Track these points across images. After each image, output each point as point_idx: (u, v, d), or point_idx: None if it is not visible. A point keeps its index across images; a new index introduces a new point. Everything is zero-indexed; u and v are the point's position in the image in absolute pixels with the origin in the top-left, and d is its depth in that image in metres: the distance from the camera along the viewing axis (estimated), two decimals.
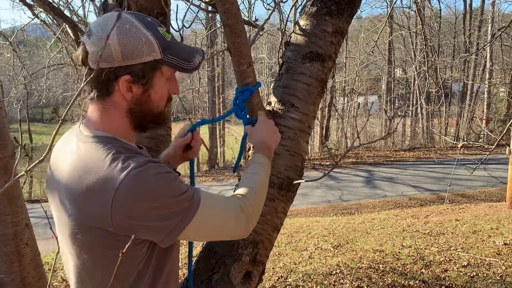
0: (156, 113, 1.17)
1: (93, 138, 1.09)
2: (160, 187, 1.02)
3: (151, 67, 1.08)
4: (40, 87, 8.42)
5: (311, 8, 1.68)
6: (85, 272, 1.11)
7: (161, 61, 1.09)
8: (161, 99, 1.16)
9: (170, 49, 1.10)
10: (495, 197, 11.28)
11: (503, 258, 4.92)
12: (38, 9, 4.31)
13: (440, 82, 8.51)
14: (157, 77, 1.11)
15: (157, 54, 1.07)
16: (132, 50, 1.05)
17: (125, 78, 1.06)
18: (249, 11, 20.18)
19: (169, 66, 1.11)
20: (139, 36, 1.05)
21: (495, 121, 21.36)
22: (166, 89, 1.16)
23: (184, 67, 1.12)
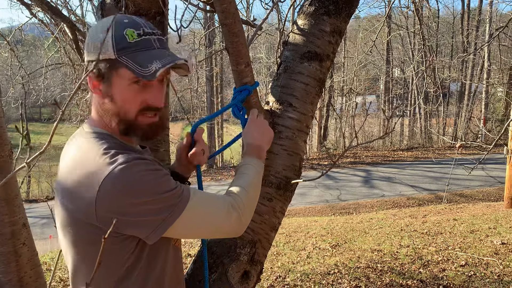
0: (126, 118, 1.11)
1: (91, 134, 1.11)
2: (145, 183, 1.02)
3: (109, 65, 1.07)
4: (38, 87, 8.40)
5: (309, 7, 1.68)
6: (76, 264, 1.13)
7: (116, 61, 1.06)
8: (126, 103, 1.10)
9: (127, 51, 1.06)
10: (493, 197, 11.31)
11: (500, 258, 4.94)
12: (36, 9, 4.31)
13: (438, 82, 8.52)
14: (114, 77, 1.08)
15: (110, 54, 1.06)
16: (93, 45, 1.09)
17: (91, 74, 1.10)
18: (247, 11, 20.17)
19: (126, 69, 1.06)
20: (97, 35, 1.09)
21: (493, 121, 21.40)
22: (133, 94, 1.10)
23: (138, 72, 1.04)
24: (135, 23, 1.10)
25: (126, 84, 1.09)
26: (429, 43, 17.68)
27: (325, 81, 1.74)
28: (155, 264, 1.16)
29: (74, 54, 5.86)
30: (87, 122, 1.18)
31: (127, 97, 1.10)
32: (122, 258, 1.09)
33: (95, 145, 1.07)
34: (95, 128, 1.14)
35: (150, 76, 1.04)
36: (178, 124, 34.81)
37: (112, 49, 1.05)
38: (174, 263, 1.25)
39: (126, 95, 1.10)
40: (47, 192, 16.71)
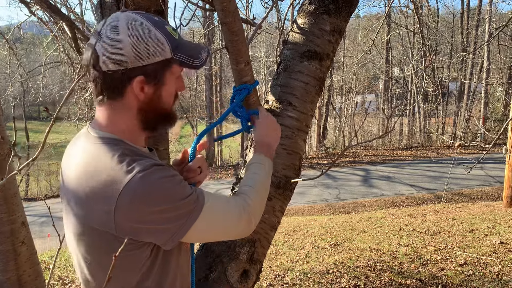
0: (166, 112, 1.16)
1: (100, 139, 1.09)
2: (164, 191, 1.02)
3: (162, 67, 1.08)
4: (36, 85, 8.40)
5: (309, 6, 1.68)
6: (89, 273, 1.11)
7: (171, 60, 1.08)
8: (170, 96, 1.15)
9: (179, 48, 1.10)
10: (491, 196, 11.32)
11: (499, 257, 4.94)
12: (35, 7, 4.30)
13: (437, 81, 8.53)
14: (168, 75, 1.10)
15: (167, 53, 1.07)
16: (145, 50, 1.04)
17: (139, 79, 1.05)
18: (247, 10, 20.14)
19: (178, 64, 1.11)
20: (149, 36, 1.05)
21: (492, 120, 21.41)
22: (175, 87, 1.16)
23: (193, 65, 1.11)
24: (161, 19, 1.11)
25: (174, 79, 1.13)
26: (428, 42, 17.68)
27: (325, 80, 1.74)
28: (169, 269, 1.15)
29: (73, 53, 5.85)
30: (92, 125, 1.14)
31: (173, 91, 1.15)
32: (138, 264, 1.08)
33: (108, 152, 1.05)
34: (104, 133, 1.10)
35: (202, 65, 1.11)
36: (178, 123, 34.69)
37: (169, 50, 1.07)
38: (186, 265, 1.25)
39: (172, 90, 1.14)
40: (45, 191, 16.69)
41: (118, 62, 1.03)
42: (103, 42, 1.04)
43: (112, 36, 1.03)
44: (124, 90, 1.07)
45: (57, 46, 6.35)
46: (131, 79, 1.05)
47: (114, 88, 1.07)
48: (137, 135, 1.15)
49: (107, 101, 1.09)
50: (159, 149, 1.76)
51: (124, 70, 1.04)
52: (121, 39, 1.03)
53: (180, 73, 1.16)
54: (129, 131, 1.13)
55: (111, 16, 1.08)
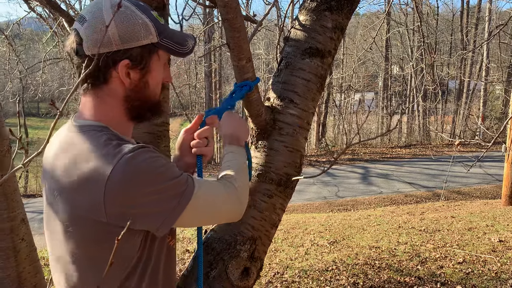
0: (153, 101, 1.13)
1: (84, 127, 1.05)
2: (153, 170, 0.99)
3: (148, 51, 1.05)
4: (36, 82, 8.38)
5: (310, 3, 1.67)
6: (76, 271, 1.05)
7: (157, 44, 1.06)
8: (157, 85, 1.12)
9: (165, 33, 1.07)
10: (490, 194, 11.34)
11: (498, 255, 4.95)
12: (34, 3, 4.28)
13: (437, 79, 8.52)
14: (154, 61, 1.07)
15: (153, 37, 1.04)
16: (130, 32, 1.01)
17: (124, 63, 1.02)
18: (247, 6, 20.12)
19: (164, 50, 1.08)
20: (135, 18, 1.02)
21: (491, 119, 21.44)
22: (161, 75, 1.12)
23: (179, 51, 1.09)
24: (147, 6, 1.09)
25: (161, 66, 1.10)
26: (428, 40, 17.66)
27: (326, 78, 1.73)
28: (150, 262, 1.11)
29: None
30: (76, 116, 1.11)
31: (159, 79, 1.12)
32: (129, 255, 1.05)
33: (92, 139, 1.01)
34: (87, 121, 1.07)
35: (188, 53, 1.09)
36: (177, 120, 34.76)
37: (155, 33, 1.04)
38: (168, 262, 1.20)
39: (159, 77, 1.11)
40: None
41: (103, 45, 1.00)
42: (87, 24, 1.01)
43: (96, 19, 1.00)
44: (108, 75, 1.03)
45: (57, 42, 6.33)
46: (116, 63, 1.02)
47: (98, 74, 1.03)
48: (124, 125, 1.12)
49: (91, 89, 1.06)
50: (160, 146, 1.75)
51: (108, 54, 1.00)
52: (105, 21, 0.99)
53: (167, 61, 1.13)
54: (115, 120, 1.09)
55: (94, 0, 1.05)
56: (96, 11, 1.01)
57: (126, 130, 1.13)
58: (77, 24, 1.03)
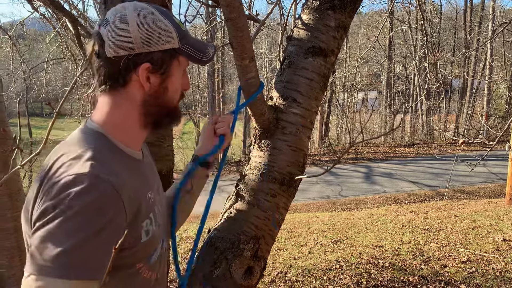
0: (171, 107, 1.11)
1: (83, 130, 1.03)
2: (70, 216, 0.84)
3: (169, 56, 1.04)
4: (39, 82, 8.40)
5: (313, 2, 1.67)
6: None
7: (178, 50, 1.04)
8: (176, 91, 1.11)
9: (186, 39, 1.06)
10: (494, 193, 11.30)
11: (502, 254, 4.93)
12: (38, 3, 4.29)
13: (440, 78, 8.50)
14: (174, 66, 1.06)
15: (175, 42, 1.03)
16: (152, 36, 1.00)
17: (145, 66, 1.00)
18: (250, 6, 20.12)
19: (185, 57, 1.07)
20: (158, 22, 1.01)
21: (495, 117, 21.37)
22: (181, 82, 1.11)
23: (199, 58, 1.08)
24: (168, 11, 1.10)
25: (181, 72, 1.09)
26: (431, 39, 17.62)
27: (329, 77, 1.73)
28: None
29: (76, 49, 5.85)
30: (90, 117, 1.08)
31: (178, 85, 1.10)
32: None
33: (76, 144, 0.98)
34: (92, 123, 1.04)
35: (208, 61, 1.09)
36: None
37: (177, 38, 1.03)
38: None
39: (178, 83, 1.10)
40: None
41: (124, 47, 0.98)
42: (110, 27, 1.00)
43: (119, 21, 1.00)
44: (128, 78, 1.01)
45: (60, 42, 6.35)
46: (136, 66, 1.00)
47: (118, 76, 1.01)
48: (134, 133, 1.07)
49: (109, 90, 1.03)
50: (163, 145, 1.76)
51: (130, 56, 0.99)
52: (128, 23, 0.99)
53: (186, 68, 1.12)
54: (124, 126, 1.05)
55: (118, 5, 1.05)
56: (120, 14, 1.01)
57: (135, 138, 1.09)
58: (100, 28, 1.02)
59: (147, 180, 1.10)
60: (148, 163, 1.18)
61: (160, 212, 1.14)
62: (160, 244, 1.14)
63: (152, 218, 1.06)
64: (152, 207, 1.07)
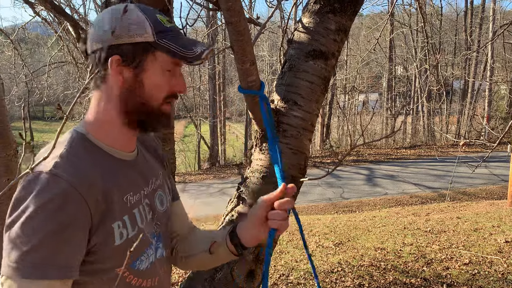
0: (152, 106, 1.05)
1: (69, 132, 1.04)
2: (29, 213, 0.86)
3: (142, 49, 1.00)
4: (41, 85, 8.42)
5: (314, 5, 1.68)
6: None
7: (154, 44, 1.00)
8: (157, 89, 1.04)
9: (166, 34, 1.02)
10: (496, 195, 11.28)
11: (504, 256, 4.92)
12: (39, 7, 4.31)
13: (441, 80, 8.52)
14: (149, 61, 1.02)
15: (149, 36, 0.99)
16: (122, 28, 0.99)
17: (115, 58, 0.99)
18: (250, 9, 20.15)
19: (164, 52, 1.01)
20: (130, 15, 1.01)
21: (496, 119, 21.35)
22: (165, 80, 1.05)
23: (182, 54, 1.00)
24: (156, 10, 1.06)
25: (160, 68, 1.03)
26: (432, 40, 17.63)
27: (330, 79, 1.73)
28: None
29: (77, 53, 5.87)
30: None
31: (158, 83, 1.04)
32: None
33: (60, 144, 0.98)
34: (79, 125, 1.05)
35: (195, 58, 1.00)
36: (181, 122, 34.87)
37: (151, 32, 1.00)
38: None
39: (158, 80, 1.04)
40: None
41: (98, 41, 1.00)
42: (92, 25, 1.04)
43: (97, 18, 1.04)
44: (105, 73, 1.02)
45: (61, 46, 6.38)
46: (107, 59, 0.99)
47: (97, 73, 1.02)
48: (115, 131, 1.06)
49: (94, 88, 1.05)
50: (165, 148, 1.76)
51: (102, 49, 1.00)
52: (103, 18, 1.01)
53: (176, 69, 1.06)
54: (103, 125, 1.05)
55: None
56: (102, 13, 1.05)
57: (119, 137, 1.07)
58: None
59: (130, 182, 1.07)
60: (142, 164, 1.15)
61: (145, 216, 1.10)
62: (153, 252, 1.11)
63: (126, 221, 1.02)
64: (129, 210, 1.04)
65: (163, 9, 1.57)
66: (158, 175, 1.21)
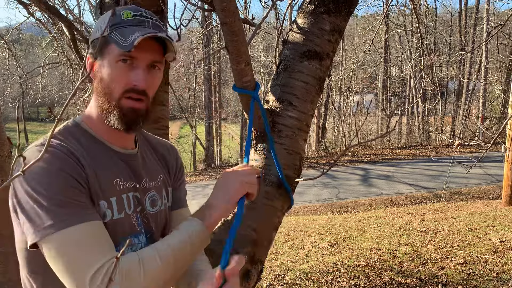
0: (111, 99, 1.04)
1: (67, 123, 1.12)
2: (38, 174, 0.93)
3: (101, 43, 1.03)
4: (35, 86, 8.40)
5: (308, 6, 1.68)
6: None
7: (107, 37, 1.02)
8: (112, 81, 1.03)
9: (118, 26, 1.03)
10: (490, 195, 11.33)
11: (499, 256, 4.95)
12: (34, 8, 4.29)
13: (436, 80, 8.54)
14: (106, 54, 1.03)
15: (106, 30, 1.03)
16: (95, 27, 1.10)
17: (88, 55, 1.08)
18: (245, 10, 20.17)
19: (114, 44, 1.01)
20: (103, 16, 1.11)
21: (490, 119, 21.46)
22: (119, 73, 1.03)
23: (121, 43, 0.99)
24: (137, 8, 1.08)
25: (113, 61, 1.03)
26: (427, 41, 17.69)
27: (325, 80, 1.74)
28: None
29: (72, 53, 5.85)
30: None
31: (113, 76, 1.03)
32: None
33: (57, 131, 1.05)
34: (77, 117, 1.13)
35: (129, 46, 0.97)
36: (176, 123, 34.82)
37: (107, 26, 1.02)
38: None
39: (112, 73, 1.03)
40: None
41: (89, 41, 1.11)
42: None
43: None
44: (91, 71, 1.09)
45: (56, 47, 6.35)
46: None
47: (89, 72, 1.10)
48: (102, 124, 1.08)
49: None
50: None
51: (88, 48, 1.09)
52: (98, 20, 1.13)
53: (123, 57, 1.02)
54: (91, 116, 1.11)
55: None
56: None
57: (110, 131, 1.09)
58: None
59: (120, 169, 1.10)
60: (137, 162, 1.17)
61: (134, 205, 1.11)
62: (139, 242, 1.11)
63: (113, 203, 1.05)
64: (117, 193, 1.07)
65: (157, 10, 1.56)
66: (155, 178, 1.22)
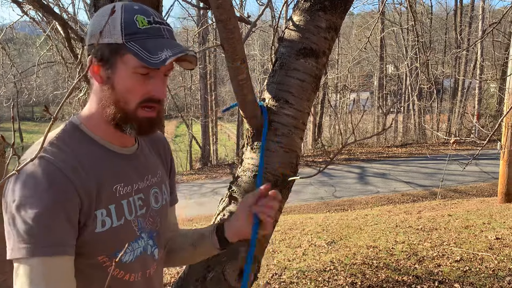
0: (125, 109, 1.03)
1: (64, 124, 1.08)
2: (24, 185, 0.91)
3: (110, 50, 0.99)
4: (30, 86, 8.35)
5: (304, 3, 1.67)
6: None
7: (123, 46, 0.98)
8: (128, 92, 1.01)
9: (136, 36, 0.99)
10: (486, 192, 11.38)
11: (495, 253, 4.96)
12: (27, 6, 4.27)
13: (431, 78, 8.55)
14: (119, 64, 1.00)
15: (118, 37, 0.98)
16: (96, 28, 1.01)
17: (90, 58, 1.01)
18: (241, 8, 20.13)
19: (133, 55, 0.97)
20: (106, 17, 1.00)
21: (486, 117, 21.54)
22: (137, 84, 1.01)
23: (146, 59, 0.96)
24: (145, 10, 1.03)
25: (130, 72, 1.00)
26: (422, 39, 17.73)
27: (321, 78, 1.73)
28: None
29: (67, 52, 5.82)
30: None
31: (129, 86, 1.01)
32: None
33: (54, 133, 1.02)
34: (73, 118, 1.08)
35: (160, 64, 0.95)
36: (172, 122, 34.75)
37: (120, 33, 0.98)
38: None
39: (128, 83, 1.01)
40: None
41: (88, 40, 1.04)
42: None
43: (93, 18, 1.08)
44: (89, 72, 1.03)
45: (50, 46, 6.32)
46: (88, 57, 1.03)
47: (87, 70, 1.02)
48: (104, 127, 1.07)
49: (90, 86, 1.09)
50: None
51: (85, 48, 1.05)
52: (93, 18, 1.05)
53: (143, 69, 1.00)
54: (92, 119, 1.07)
55: None
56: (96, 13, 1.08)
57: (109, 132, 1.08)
58: None
59: (121, 173, 1.08)
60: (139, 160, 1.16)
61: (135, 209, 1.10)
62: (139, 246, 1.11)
63: (111, 211, 1.03)
64: (117, 199, 1.05)
65: (152, 7, 1.55)
66: (156, 173, 1.22)
